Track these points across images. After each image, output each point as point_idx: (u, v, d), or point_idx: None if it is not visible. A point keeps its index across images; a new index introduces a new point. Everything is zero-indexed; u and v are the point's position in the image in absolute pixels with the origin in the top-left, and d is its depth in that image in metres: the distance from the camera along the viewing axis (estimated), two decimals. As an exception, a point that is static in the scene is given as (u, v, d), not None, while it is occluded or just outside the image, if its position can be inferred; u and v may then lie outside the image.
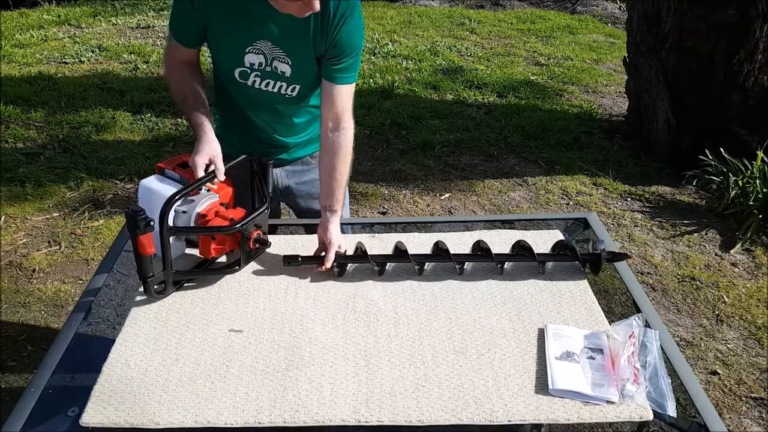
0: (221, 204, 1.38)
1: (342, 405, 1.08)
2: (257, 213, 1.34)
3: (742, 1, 3.12)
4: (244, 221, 1.32)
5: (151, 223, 1.18)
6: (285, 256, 1.41)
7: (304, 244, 1.50)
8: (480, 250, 1.43)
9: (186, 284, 1.36)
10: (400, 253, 1.42)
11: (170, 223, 1.25)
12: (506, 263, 1.42)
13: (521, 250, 1.43)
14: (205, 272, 1.39)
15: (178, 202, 1.27)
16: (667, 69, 3.46)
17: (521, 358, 1.18)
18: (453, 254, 1.39)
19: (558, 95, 4.65)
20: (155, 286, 1.28)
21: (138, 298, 1.33)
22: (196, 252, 1.39)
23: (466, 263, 1.41)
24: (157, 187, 1.32)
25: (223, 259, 1.43)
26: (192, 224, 1.32)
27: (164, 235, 1.21)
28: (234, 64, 1.44)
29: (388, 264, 1.43)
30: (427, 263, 1.42)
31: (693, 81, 3.39)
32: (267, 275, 1.42)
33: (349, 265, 1.44)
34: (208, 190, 1.35)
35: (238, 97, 1.54)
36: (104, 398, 1.09)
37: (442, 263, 1.42)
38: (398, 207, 3.22)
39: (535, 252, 1.40)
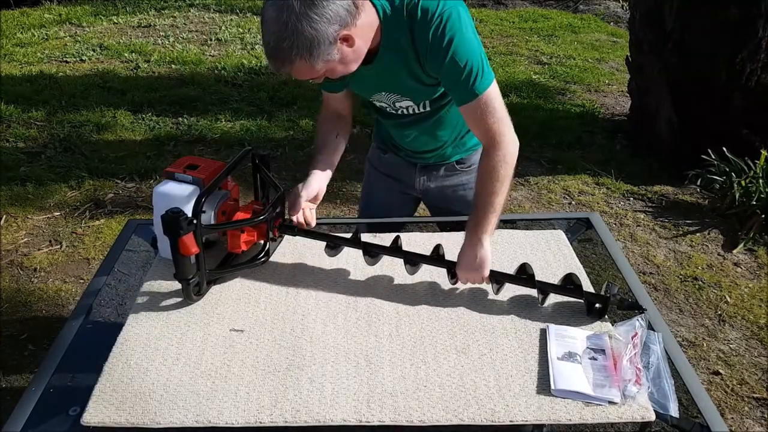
0: (234, 200, 1.40)
1: (343, 405, 1.07)
2: (278, 200, 1.38)
3: (745, 0, 3.11)
4: (274, 209, 1.34)
5: (194, 222, 1.17)
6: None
7: (305, 244, 1.49)
8: None
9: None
10: (395, 247, 1.38)
11: None
12: (505, 283, 1.33)
13: (524, 273, 1.31)
14: (236, 268, 1.40)
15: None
16: (669, 68, 3.45)
17: (523, 358, 1.18)
18: (449, 261, 1.33)
19: (560, 94, 4.64)
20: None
21: (139, 298, 1.33)
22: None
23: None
24: (175, 190, 1.31)
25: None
26: (212, 222, 1.33)
27: (198, 234, 1.20)
28: (367, 102, 1.52)
29: (387, 261, 1.42)
30: (422, 264, 1.37)
31: (695, 80, 3.38)
32: (268, 275, 1.42)
33: (351, 265, 1.44)
34: (220, 188, 1.35)
35: (381, 117, 1.58)
36: (105, 397, 1.08)
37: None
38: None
39: (543, 278, 1.30)
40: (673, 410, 1.07)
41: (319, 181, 1.45)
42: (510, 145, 1.30)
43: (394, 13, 1.24)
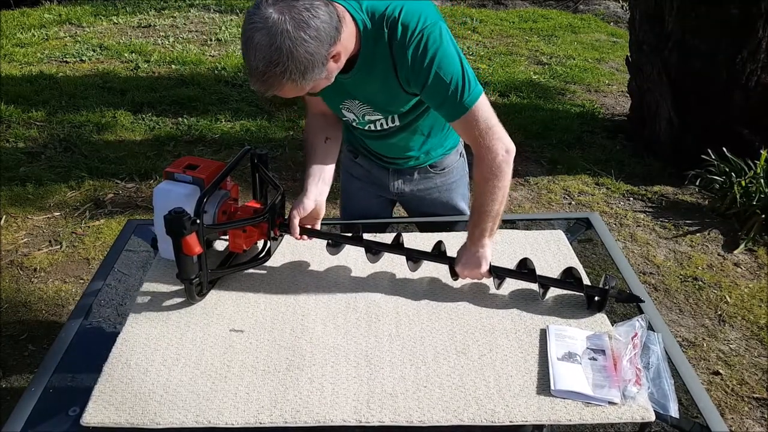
0: (234, 199, 1.40)
1: (343, 405, 1.07)
2: (279, 199, 1.39)
3: (745, 0, 3.11)
4: (275, 207, 1.34)
5: (197, 221, 1.17)
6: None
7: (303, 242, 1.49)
8: None
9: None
10: (397, 244, 1.38)
11: None
12: (506, 278, 1.34)
13: (525, 268, 1.34)
14: (238, 268, 1.40)
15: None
16: (669, 68, 3.45)
17: (523, 358, 1.18)
18: (451, 257, 1.35)
19: (560, 94, 4.64)
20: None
21: (139, 298, 1.33)
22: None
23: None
24: (175, 190, 1.31)
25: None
26: (213, 222, 1.33)
27: (201, 233, 1.20)
28: (334, 110, 1.47)
29: (387, 260, 1.42)
30: (424, 260, 1.38)
31: (696, 80, 3.38)
32: (268, 275, 1.42)
33: (351, 264, 1.44)
34: (220, 188, 1.35)
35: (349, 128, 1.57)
36: (105, 398, 1.08)
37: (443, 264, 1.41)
38: (399, 206, 3.21)
39: (543, 273, 1.32)
40: (673, 410, 1.07)
41: (312, 196, 1.40)
42: (500, 153, 1.28)
43: (374, 27, 1.23)
